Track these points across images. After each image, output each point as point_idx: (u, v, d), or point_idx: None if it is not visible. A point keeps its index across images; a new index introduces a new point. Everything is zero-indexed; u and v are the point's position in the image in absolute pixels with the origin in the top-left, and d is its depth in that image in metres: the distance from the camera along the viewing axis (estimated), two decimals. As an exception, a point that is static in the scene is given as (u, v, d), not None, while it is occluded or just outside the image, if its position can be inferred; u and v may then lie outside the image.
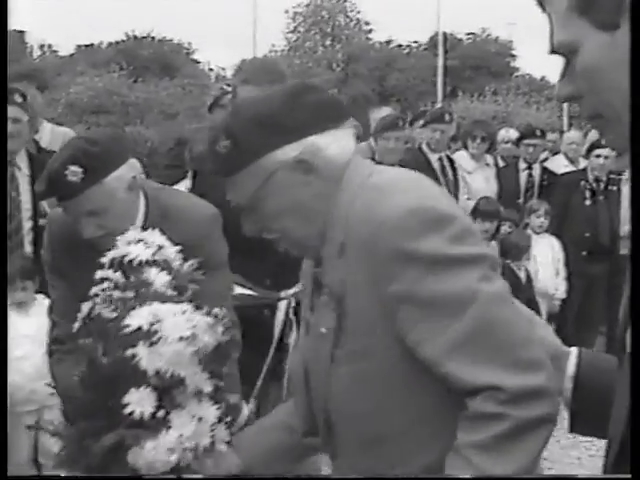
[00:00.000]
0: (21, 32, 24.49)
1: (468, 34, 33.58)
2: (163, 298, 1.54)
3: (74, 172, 2.02)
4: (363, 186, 1.48)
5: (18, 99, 3.80)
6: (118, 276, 1.58)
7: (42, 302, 3.50)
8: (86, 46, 31.42)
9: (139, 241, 1.65)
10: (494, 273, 1.44)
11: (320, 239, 1.51)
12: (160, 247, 1.65)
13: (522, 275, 5.37)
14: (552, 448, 4.14)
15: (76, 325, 1.59)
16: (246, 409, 2.86)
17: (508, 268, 5.14)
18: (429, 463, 1.48)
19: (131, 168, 2.19)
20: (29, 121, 3.88)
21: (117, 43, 30.77)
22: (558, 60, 1.05)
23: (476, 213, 5.15)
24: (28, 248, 3.75)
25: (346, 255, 1.45)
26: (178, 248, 1.71)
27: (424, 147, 5.73)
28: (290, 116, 1.48)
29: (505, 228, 5.50)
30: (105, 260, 1.65)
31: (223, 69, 27.30)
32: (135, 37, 31.09)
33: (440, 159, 5.68)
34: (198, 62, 32.36)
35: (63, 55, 30.70)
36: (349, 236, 1.45)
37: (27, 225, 3.74)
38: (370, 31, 34.90)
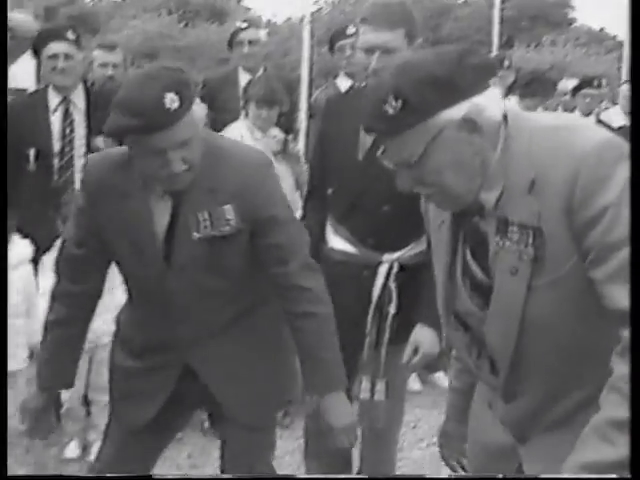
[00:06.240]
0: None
1: (526, -17, 32.73)
2: None
3: (172, 99, 1.98)
4: (539, 129, 1.57)
5: (71, 36, 3.82)
6: None
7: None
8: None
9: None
10: None
11: (474, 194, 1.61)
12: None
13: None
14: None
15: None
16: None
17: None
18: (582, 399, 1.60)
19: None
20: (84, 59, 3.93)
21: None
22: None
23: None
24: (78, 185, 3.78)
25: (539, 190, 1.53)
26: None
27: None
28: (461, 77, 1.55)
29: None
30: None
31: (275, 16, 26.93)
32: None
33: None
34: (249, 9, 32.05)
35: (115, -1, 30.66)
36: (542, 173, 1.52)
37: (79, 163, 3.76)
38: (425, -21, 34.22)
